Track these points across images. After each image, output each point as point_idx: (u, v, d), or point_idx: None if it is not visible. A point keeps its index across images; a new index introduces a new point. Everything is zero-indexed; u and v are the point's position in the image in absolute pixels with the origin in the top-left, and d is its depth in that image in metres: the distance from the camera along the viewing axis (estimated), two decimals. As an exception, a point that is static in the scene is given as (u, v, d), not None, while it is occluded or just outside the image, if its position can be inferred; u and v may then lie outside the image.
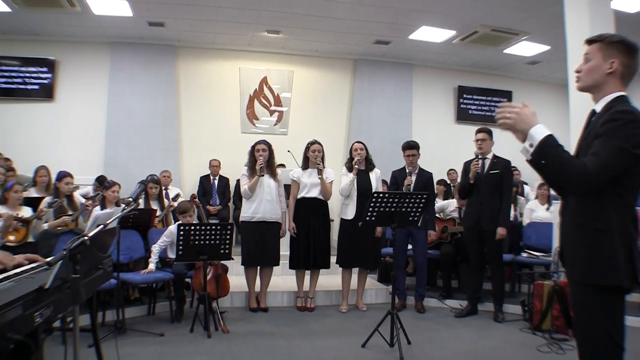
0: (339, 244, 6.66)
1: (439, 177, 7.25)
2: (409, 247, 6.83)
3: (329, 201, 6.73)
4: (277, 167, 6.71)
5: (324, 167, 6.50)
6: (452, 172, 10.10)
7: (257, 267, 6.55)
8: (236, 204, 9.71)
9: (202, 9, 8.74)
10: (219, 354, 4.85)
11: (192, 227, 5.53)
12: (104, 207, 6.33)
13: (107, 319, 5.67)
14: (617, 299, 2.36)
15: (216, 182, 10.06)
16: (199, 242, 5.49)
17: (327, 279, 7.18)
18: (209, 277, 5.76)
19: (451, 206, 7.63)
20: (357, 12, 8.76)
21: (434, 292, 7.23)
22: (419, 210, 5.24)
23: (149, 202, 7.15)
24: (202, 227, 5.56)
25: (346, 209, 6.58)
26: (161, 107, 10.48)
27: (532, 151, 2.28)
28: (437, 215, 7.31)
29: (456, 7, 8.41)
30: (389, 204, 5.13)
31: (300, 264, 6.56)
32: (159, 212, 7.11)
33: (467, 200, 6.60)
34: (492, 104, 12.11)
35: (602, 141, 2.29)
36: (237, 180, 8.96)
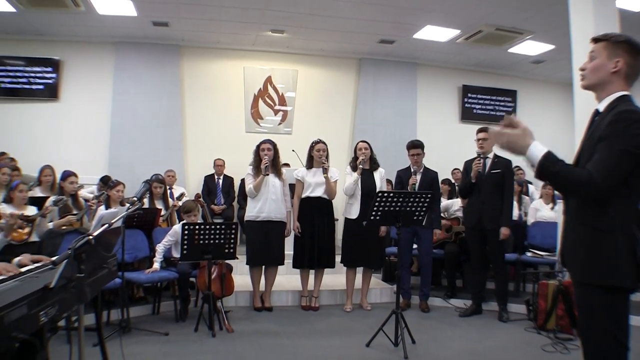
0: (344, 243, 6.65)
1: (444, 176, 7.24)
2: (414, 246, 6.84)
3: (334, 200, 6.72)
4: (281, 166, 6.72)
5: (328, 166, 6.51)
6: (456, 172, 10.07)
7: (262, 267, 6.55)
8: (240, 203, 9.73)
9: (206, 9, 8.75)
10: (224, 353, 4.85)
11: (197, 227, 5.53)
12: (109, 207, 6.34)
13: (112, 318, 5.67)
14: (621, 299, 2.34)
15: (220, 181, 10.07)
16: (203, 241, 5.49)
17: (332, 278, 7.17)
18: (213, 276, 5.76)
19: (455, 205, 7.62)
20: (361, 12, 8.75)
21: (438, 292, 7.22)
22: (424, 209, 5.23)
23: (153, 201, 7.17)
24: (207, 227, 5.57)
25: (350, 209, 6.57)
26: (165, 106, 10.49)
27: (534, 173, 2.33)
28: (442, 214, 7.30)
29: (461, 6, 8.40)
30: (393, 203, 5.12)
31: (304, 263, 6.55)
32: (163, 212, 7.13)
33: (468, 199, 6.60)
34: (497, 103, 12.10)
35: (606, 146, 2.28)
36: (242, 179, 9.01)
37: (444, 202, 7.83)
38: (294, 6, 8.64)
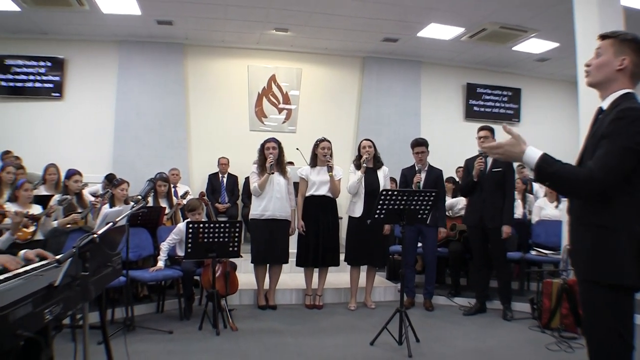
0: (347, 241, 6.65)
1: (448, 174, 7.23)
2: (419, 244, 6.83)
3: (338, 199, 6.72)
4: (286, 164, 6.72)
5: (333, 164, 6.50)
6: (460, 170, 10.05)
7: (267, 265, 6.56)
8: (245, 201, 9.74)
9: (211, 7, 8.75)
10: (228, 352, 4.86)
11: (201, 225, 5.54)
12: (113, 205, 6.35)
13: (117, 316, 5.68)
14: (626, 298, 2.34)
15: (225, 180, 10.08)
16: (207, 239, 5.50)
17: (336, 276, 7.17)
18: (217, 274, 5.76)
19: (460, 204, 7.61)
20: (365, 10, 8.74)
21: (442, 290, 7.22)
22: (428, 207, 5.22)
23: (157, 200, 7.17)
24: (211, 225, 5.57)
25: (354, 207, 6.57)
26: (170, 105, 10.49)
27: (534, 177, 2.37)
28: (446, 213, 7.29)
29: (465, 4, 8.37)
30: (397, 202, 5.11)
31: (309, 261, 6.56)
32: (167, 210, 7.13)
33: (469, 198, 6.59)
34: (502, 101, 12.07)
35: (608, 143, 2.29)
36: (246, 178, 9.01)
37: (449, 200, 7.81)
38: (298, 5, 8.63)
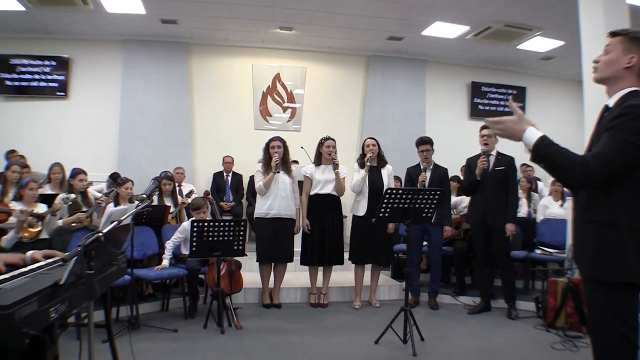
0: (351, 240, 6.65)
1: (452, 173, 7.23)
2: (424, 243, 6.83)
3: (342, 198, 6.72)
4: (291, 163, 6.72)
5: (339, 162, 6.50)
6: (465, 169, 10.05)
7: (272, 264, 6.56)
8: (249, 200, 9.74)
9: (215, 6, 8.75)
10: (232, 350, 4.86)
11: (206, 224, 5.54)
12: (118, 204, 6.36)
13: (121, 314, 5.70)
14: (630, 296, 2.32)
15: (229, 178, 10.08)
16: (212, 238, 5.50)
17: (341, 275, 7.17)
18: (222, 273, 5.78)
19: (464, 202, 7.59)
20: (370, 8, 8.73)
21: (447, 289, 7.22)
22: (433, 206, 5.22)
23: (162, 198, 7.18)
24: (216, 224, 5.57)
25: (358, 206, 6.57)
26: (174, 104, 10.50)
27: (530, 156, 2.35)
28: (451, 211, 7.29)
29: (470, 2, 8.36)
30: (402, 201, 5.11)
31: (313, 260, 6.56)
32: (172, 209, 7.14)
33: (472, 197, 6.58)
34: (507, 100, 12.03)
35: (609, 135, 2.28)
36: (251, 176, 9.02)
37: (453, 199, 7.80)
38: (302, 3, 8.63)
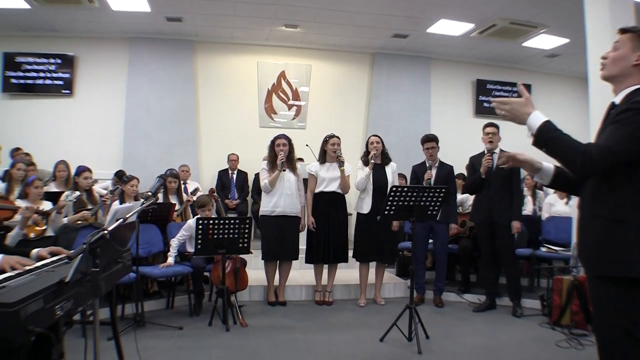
0: (356, 238, 6.65)
1: (458, 171, 7.22)
2: (430, 241, 6.82)
3: (347, 195, 6.72)
4: (296, 161, 6.72)
5: (344, 159, 6.50)
6: (469, 167, 10.02)
7: (277, 261, 6.57)
8: (254, 198, 9.74)
9: (220, 4, 8.75)
10: (238, 348, 4.87)
11: (211, 221, 5.55)
12: (123, 201, 6.37)
13: (127, 312, 5.71)
14: (635, 293, 2.27)
15: (234, 176, 10.09)
16: (217, 236, 5.51)
17: (346, 273, 7.17)
18: (227, 270, 5.79)
19: (469, 200, 7.58)
20: (374, 6, 8.72)
21: (452, 287, 7.22)
22: (438, 204, 5.21)
23: (167, 196, 7.19)
24: (221, 221, 5.58)
25: (362, 203, 6.57)
26: (179, 102, 10.51)
27: (532, 140, 2.33)
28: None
29: (474, 0, 8.34)
30: (407, 198, 5.10)
31: (319, 258, 6.56)
32: (177, 207, 7.15)
33: (476, 195, 6.57)
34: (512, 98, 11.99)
35: (614, 128, 2.27)
36: (256, 174, 9.02)
37: (459, 196, 7.79)
38: (307, 1, 8.61)
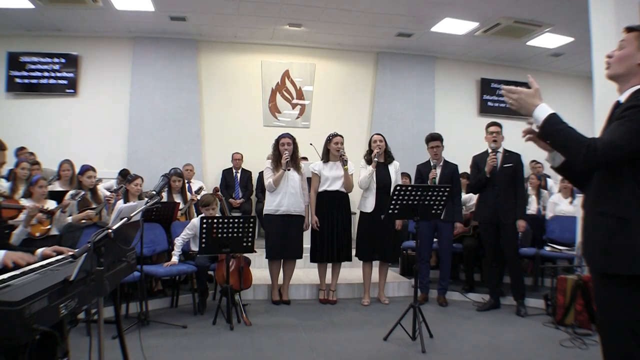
0: (359, 237, 6.64)
1: (462, 170, 7.21)
2: (434, 240, 6.82)
3: (350, 194, 6.72)
4: (300, 160, 6.72)
5: (347, 158, 6.49)
6: (472, 167, 9.99)
7: (281, 260, 6.57)
8: (258, 197, 9.76)
9: (224, 3, 8.76)
10: (242, 346, 4.87)
11: (215, 220, 5.55)
12: (127, 200, 6.39)
13: (131, 311, 5.73)
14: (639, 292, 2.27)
15: (239, 175, 10.09)
16: (221, 234, 5.51)
17: (349, 271, 7.18)
18: (231, 269, 5.79)
19: (473, 199, 7.57)
20: (379, 5, 8.71)
21: (456, 286, 7.21)
22: (442, 203, 5.20)
23: (172, 195, 7.20)
24: (225, 220, 5.57)
25: (365, 202, 6.56)
26: (183, 101, 10.53)
27: (538, 132, 2.35)
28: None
29: (479, -2, 8.34)
30: (411, 197, 5.10)
31: (323, 257, 6.55)
32: (181, 205, 7.16)
33: (480, 194, 6.56)
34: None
35: (618, 124, 2.26)
36: (260, 173, 9.03)
37: (463, 196, 7.78)
38: (311, 0, 8.62)
